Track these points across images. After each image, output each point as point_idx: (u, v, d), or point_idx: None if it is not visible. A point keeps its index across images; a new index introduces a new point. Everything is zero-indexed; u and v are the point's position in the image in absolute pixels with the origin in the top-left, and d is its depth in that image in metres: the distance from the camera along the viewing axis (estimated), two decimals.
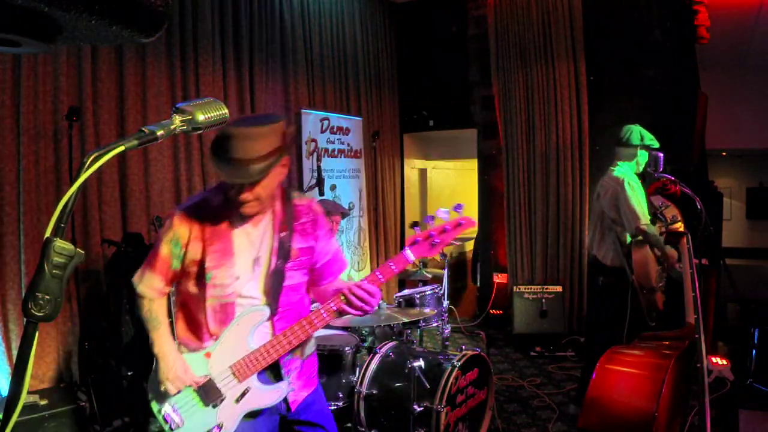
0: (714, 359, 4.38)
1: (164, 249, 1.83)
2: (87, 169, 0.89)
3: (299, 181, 5.54)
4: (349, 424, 3.10)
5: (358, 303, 1.77)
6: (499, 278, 6.36)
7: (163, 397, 1.84)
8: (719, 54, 6.40)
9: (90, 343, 3.75)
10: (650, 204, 3.45)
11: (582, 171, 5.82)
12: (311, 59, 5.76)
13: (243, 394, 1.83)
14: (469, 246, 7.90)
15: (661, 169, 4.02)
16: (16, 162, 3.51)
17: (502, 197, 6.34)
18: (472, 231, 7.27)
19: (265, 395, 1.86)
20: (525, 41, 6.01)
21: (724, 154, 9.39)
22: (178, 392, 1.82)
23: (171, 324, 1.95)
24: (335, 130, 5.96)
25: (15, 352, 3.42)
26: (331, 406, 3.15)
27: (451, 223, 1.79)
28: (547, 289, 5.57)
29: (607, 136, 5.77)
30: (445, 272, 4.04)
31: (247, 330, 1.82)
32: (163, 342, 1.86)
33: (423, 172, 8.53)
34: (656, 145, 3.69)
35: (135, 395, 3.77)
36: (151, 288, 1.88)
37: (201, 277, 1.82)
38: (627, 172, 3.65)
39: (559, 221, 5.88)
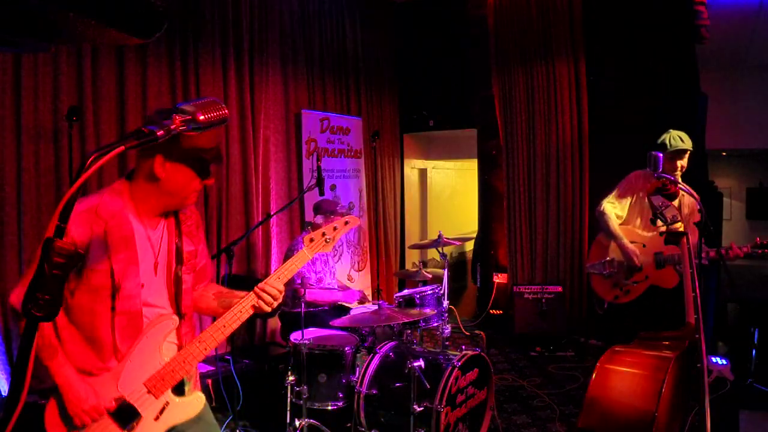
0: (714, 359, 4.38)
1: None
2: (87, 169, 0.89)
3: (299, 181, 5.54)
4: (349, 424, 3.10)
5: (269, 299, 1.76)
6: (499, 278, 6.36)
7: (73, 426, 1.67)
8: (719, 54, 6.40)
9: None
10: (650, 204, 3.44)
11: (582, 171, 5.82)
12: (311, 59, 5.76)
13: (162, 411, 1.73)
14: (469, 246, 7.90)
15: (660, 169, 4.01)
16: (16, 162, 3.51)
17: (502, 197, 6.34)
18: (472, 231, 7.28)
19: (186, 407, 1.79)
20: (525, 41, 6.01)
21: (724, 154, 9.38)
22: (92, 423, 1.66)
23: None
24: (335, 130, 5.95)
25: (15, 352, 3.42)
26: (331, 406, 3.15)
27: (341, 221, 1.90)
28: (547, 289, 5.57)
29: (607, 136, 5.79)
30: (445, 272, 4.04)
31: (159, 342, 1.72)
32: (64, 370, 1.65)
33: (423, 172, 8.53)
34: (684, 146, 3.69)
35: None
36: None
37: (105, 289, 1.65)
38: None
39: (559, 221, 5.88)
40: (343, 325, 3.25)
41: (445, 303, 3.83)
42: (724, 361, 4.35)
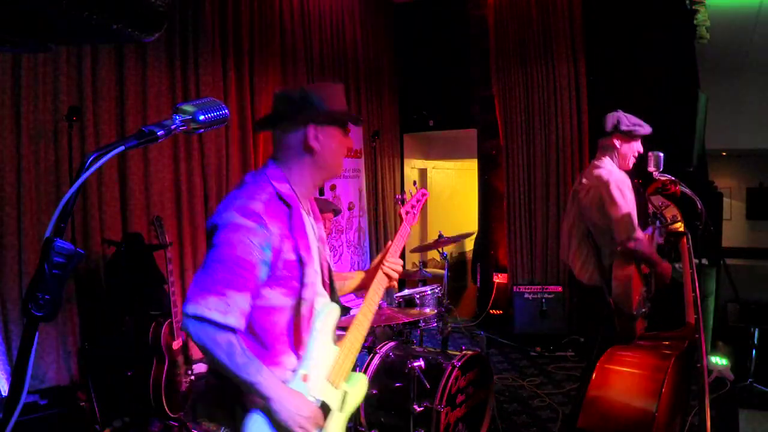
0: (714, 359, 4.38)
1: (254, 255, 1.44)
2: (87, 170, 0.89)
3: None
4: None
5: (395, 275, 1.87)
6: (499, 278, 6.36)
7: None
8: (719, 54, 6.40)
9: (90, 343, 3.75)
10: (650, 204, 3.44)
11: (582, 171, 5.81)
12: (311, 59, 5.77)
13: (343, 400, 1.68)
14: (469, 246, 7.90)
15: (661, 169, 4.00)
16: (16, 162, 3.51)
17: (502, 197, 6.34)
18: (473, 229, 7.29)
19: (359, 391, 1.76)
20: (525, 41, 6.02)
21: (724, 154, 9.38)
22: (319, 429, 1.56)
23: None
24: None
25: (15, 352, 3.42)
26: None
27: (418, 194, 2.08)
28: (547, 289, 5.57)
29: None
30: (445, 272, 4.04)
31: (330, 332, 1.67)
32: (275, 381, 1.47)
33: (423, 172, 8.53)
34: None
35: (135, 395, 3.77)
36: (243, 314, 1.43)
37: (295, 281, 1.56)
38: (613, 168, 3.18)
39: (559, 221, 5.88)
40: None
41: (445, 303, 3.84)
42: (724, 361, 4.35)
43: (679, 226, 2.39)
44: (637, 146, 3.34)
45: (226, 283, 1.40)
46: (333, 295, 1.77)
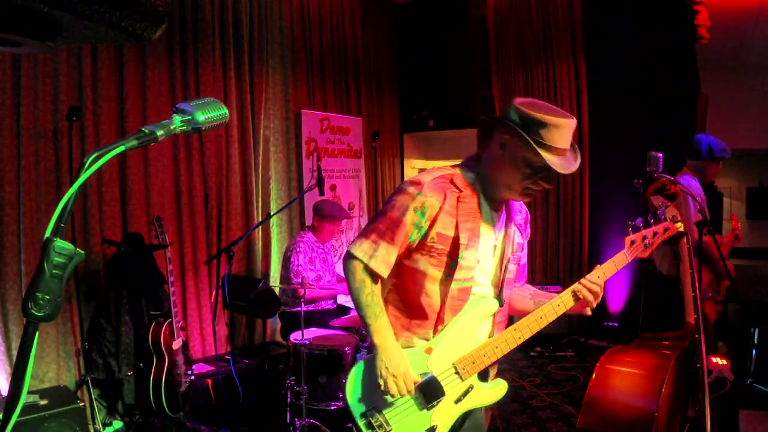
0: (714, 359, 4.38)
1: (407, 217, 1.61)
2: (87, 169, 0.89)
3: (299, 181, 5.54)
4: (349, 424, 3.10)
5: (591, 297, 1.72)
6: None
7: (374, 397, 1.65)
8: (719, 54, 6.40)
9: (90, 343, 3.75)
10: (650, 204, 3.43)
11: (582, 171, 5.82)
12: (311, 59, 5.76)
13: (464, 394, 1.68)
14: None
15: (661, 169, 4.00)
16: (16, 162, 3.51)
17: None
18: None
19: (488, 393, 1.73)
20: (525, 41, 6.02)
21: None
22: (396, 390, 1.62)
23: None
24: (335, 130, 5.95)
25: (15, 352, 3.42)
26: (331, 406, 3.15)
27: (660, 227, 1.88)
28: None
29: (607, 136, 5.79)
30: None
31: (477, 322, 1.70)
32: (386, 332, 1.64)
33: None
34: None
35: (135, 395, 3.77)
36: (387, 264, 1.64)
37: (445, 255, 1.64)
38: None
39: (559, 221, 5.89)
40: (343, 325, 3.25)
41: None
42: (724, 361, 4.35)
43: (680, 226, 2.39)
44: None
45: (380, 233, 1.64)
46: (499, 292, 1.76)
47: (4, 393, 3.28)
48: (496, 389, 1.75)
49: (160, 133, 1.01)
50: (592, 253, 5.88)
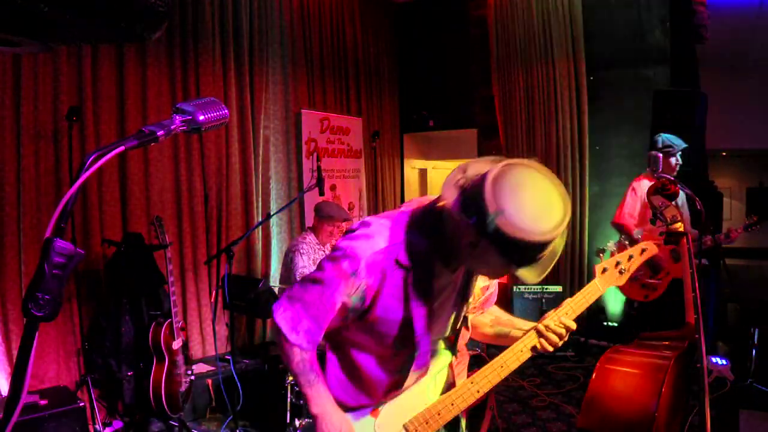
0: (714, 359, 4.38)
1: (338, 299, 1.40)
2: (87, 170, 0.89)
3: (299, 181, 5.54)
4: None
5: (555, 340, 1.54)
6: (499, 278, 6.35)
7: None
8: (719, 54, 6.40)
9: (90, 343, 3.75)
10: (650, 204, 3.45)
11: (582, 171, 5.82)
12: (311, 59, 5.77)
13: None
14: None
15: (660, 169, 4.02)
16: (16, 162, 3.51)
17: None
18: None
19: None
20: (525, 41, 6.01)
21: (724, 154, 9.38)
22: None
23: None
24: (335, 130, 5.95)
25: (15, 352, 3.42)
26: None
27: (636, 249, 1.66)
28: (547, 289, 5.57)
29: (607, 136, 5.79)
30: None
31: (428, 381, 1.54)
32: (324, 399, 1.49)
33: (423, 172, 8.52)
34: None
35: (135, 395, 3.77)
36: (312, 341, 1.46)
37: (393, 339, 1.45)
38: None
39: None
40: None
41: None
42: (724, 361, 4.35)
43: (679, 226, 2.39)
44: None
45: (306, 306, 1.44)
46: (453, 345, 1.59)
47: (4, 393, 3.28)
48: None
49: (160, 133, 1.01)
50: (592, 253, 5.88)
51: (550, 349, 1.54)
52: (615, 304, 5.63)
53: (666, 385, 2.03)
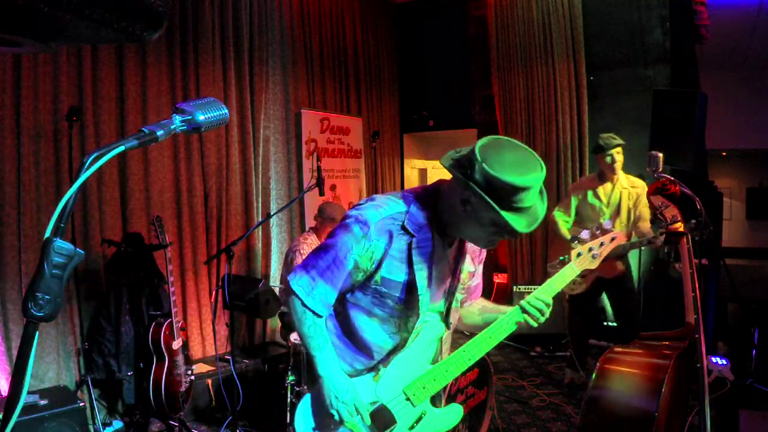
0: (714, 359, 4.38)
1: (350, 259, 1.54)
2: (87, 170, 0.89)
3: (299, 181, 5.54)
4: None
5: (537, 315, 1.68)
6: (499, 278, 6.35)
7: (329, 426, 1.62)
8: (719, 54, 6.40)
9: (90, 343, 3.75)
10: (650, 204, 3.45)
11: (582, 171, 5.82)
12: (311, 59, 5.77)
13: (418, 420, 1.65)
14: None
15: (660, 169, 4.01)
16: (16, 162, 3.51)
17: None
18: None
19: (442, 419, 1.70)
20: (525, 41, 6.01)
21: (724, 154, 9.39)
22: (350, 419, 1.59)
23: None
24: (335, 130, 5.95)
25: (15, 352, 3.42)
26: None
27: (607, 237, 1.82)
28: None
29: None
30: None
31: (425, 347, 1.68)
32: (332, 363, 1.61)
33: (423, 172, 8.53)
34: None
35: (135, 395, 3.77)
36: (325, 304, 1.60)
37: (392, 301, 1.60)
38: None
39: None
40: None
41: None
42: (724, 361, 4.35)
43: (679, 226, 2.39)
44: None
45: (320, 271, 1.57)
46: (445, 318, 1.72)
47: (4, 393, 3.28)
48: (450, 415, 1.73)
49: (160, 133, 1.01)
50: None
51: (534, 323, 1.69)
52: None
53: (666, 385, 2.03)
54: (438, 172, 9.10)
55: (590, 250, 1.79)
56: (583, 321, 4.42)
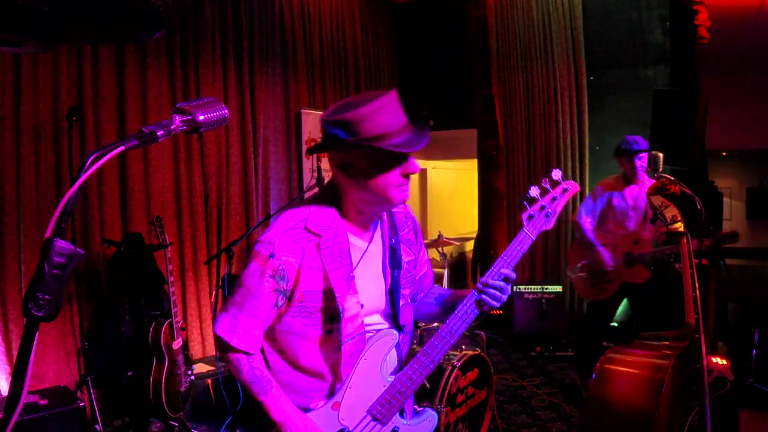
0: (714, 359, 4.37)
1: (265, 285, 1.44)
2: (87, 170, 0.89)
3: (299, 181, 5.54)
4: None
5: (497, 294, 1.51)
6: None
7: None
8: (719, 54, 6.40)
9: (90, 343, 3.75)
10: (650, 204, 3.45)
11: (582, 171, 5.82)
12: (311, 59, 5.77)
13: None
14: (469, 246, 7.89)
15: (660, 169, 4.00)
16: (16, 162, 3.51)
17: (502, 197, 6.34)
18: (472, 231, 7.27)
19: (418, 428, 1.60)
20: (525, 41, 6.02)
21: (724, 154, 9.39)
22: None
23: None
24: None
25: (15, 352, 3.42)
26: None
27: (557, 190, 1.63)
28: (547, 289, 5.57)
29: (607, 136, 5.78)
30: (445, 272, 4.04)
31: (379, 362, 1.54)
32: (283, 404, 1.48)
33: (423, 172, 8.53)
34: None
35: (135, 395, 3.77)
36: (252, 339, 1.48)
37: (321, 312, 1.47)
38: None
39: (559, 221, 5.88)
40: None
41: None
42: (724, 361, 4.35)
43: (679, 226, 2.39)
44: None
45: (239, 306, 1.47)
46: (395, 321, 1.59)
47: (4, 393, 3.28)
48: (425, 422, 1.62)
49: (160, 133, 1.01)
50: None
51: (495, 303, 1.51)
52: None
53: (666, 385, 2.03)
54: (438, 172, 9.11)
55: (542, 209, 1.59)
56: (600, 328, 4.28)
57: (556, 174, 1.61)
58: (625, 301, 4.28)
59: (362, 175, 1.42)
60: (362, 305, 1.51)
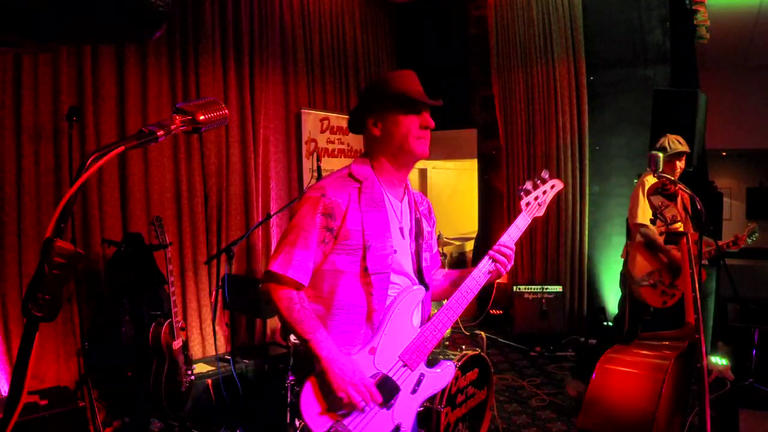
0: (714, 359, 4.38)
1: (316, 221, 1.64)
2: (87, 170, 0.89)
3: (299, 181, 5.54)
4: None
5: (504, 260, 1.78)
6: (498, 279, 6.35)
7: (334, 411, 1.61)
8: (719, 54, 6.40)
9: (90, 343, 3.74)
10: (650, 204, 3.45)
11: (582, 171, 5.82)
12: (311, 59, 5.77)
13: (418, 384, 1.72)
14: (469, 246, 7.90)
15: (660, 169, 4.01)
16: (16, 162, 3.51)
17: (502, 197, 6.34)
18: (472, 231, 7.26)
19: (439, 378, 1.78)
20: (525, 41, 6.02)
21: (724, 154, 9.39)
22: (360, 396, 1.59)
23: None
24: (335, 130, 5.95)
25: (15, 352, 3.42)
26: None
27: (547, 185, 1.93)
28: (547, 289, 5.57)
29: (607, 136, 5.79)
30: None
31: (410, 313, 1.73)
32: (330, 343, 1.61)
33: (423, 172, 8.53)
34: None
35: (135, 395, 3.77)
36: (306, 271, 1.65)
37: (360, 249, 1.66)
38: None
39: (559, 221, 5.89)
40: None
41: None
42: (724, 361, 4.35)
43: (679, 226, 2.40)
44: None
45: (291, 243, 1.65)
46: (421, 279, 1.80)
47: (4, 393, 3.28)
48: (446, 371, 1.81)
49: (160, 133, 1.01)
50: (592, 253, 5.88)
51: (503, 270, 1.79)
52: (615, 305, 5.63)
53: (666, 385, 2.03)
54: (438, 172, 9.11)
55: (536, 198, 1.90)
56: (638, 328, 3.95)
57: (545, 174, 1.93)
58: None
59: (388, 127, 1.72)
60: (395, 251, 1.72)
